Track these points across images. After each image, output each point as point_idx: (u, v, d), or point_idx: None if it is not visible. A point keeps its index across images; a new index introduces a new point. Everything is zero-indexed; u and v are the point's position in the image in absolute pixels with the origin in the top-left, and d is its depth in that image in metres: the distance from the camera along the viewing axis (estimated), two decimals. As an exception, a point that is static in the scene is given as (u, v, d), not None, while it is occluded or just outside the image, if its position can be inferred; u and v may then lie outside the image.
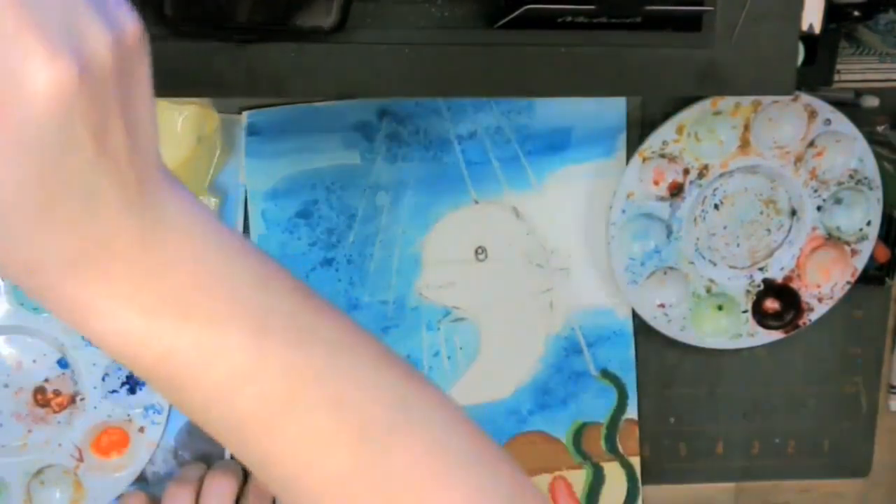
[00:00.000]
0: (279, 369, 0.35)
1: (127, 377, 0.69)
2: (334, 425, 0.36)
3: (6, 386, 0.68)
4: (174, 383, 0.34)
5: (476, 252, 0.72)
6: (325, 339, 0.37)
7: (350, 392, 0.36)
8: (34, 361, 0.68)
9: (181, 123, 0.64)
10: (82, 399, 0.69)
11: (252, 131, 0.67)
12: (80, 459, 0.69)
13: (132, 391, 0.69)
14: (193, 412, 0.36)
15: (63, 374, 0.68)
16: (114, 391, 0.69)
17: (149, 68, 0.33)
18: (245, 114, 0.67)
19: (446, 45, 0.54)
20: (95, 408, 0.69)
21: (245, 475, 0.70)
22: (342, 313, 0.39)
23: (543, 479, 0.75)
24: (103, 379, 0.69)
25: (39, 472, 0.69)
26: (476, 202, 0.71)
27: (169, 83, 0.52)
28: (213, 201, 0.67)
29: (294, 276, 0.38)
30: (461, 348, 0.73)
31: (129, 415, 0.70)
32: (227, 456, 0.71)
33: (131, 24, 0.31)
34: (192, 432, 0.71)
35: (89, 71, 0.27)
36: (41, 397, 0.69)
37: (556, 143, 0.71)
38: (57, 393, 0.69)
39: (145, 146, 0.32)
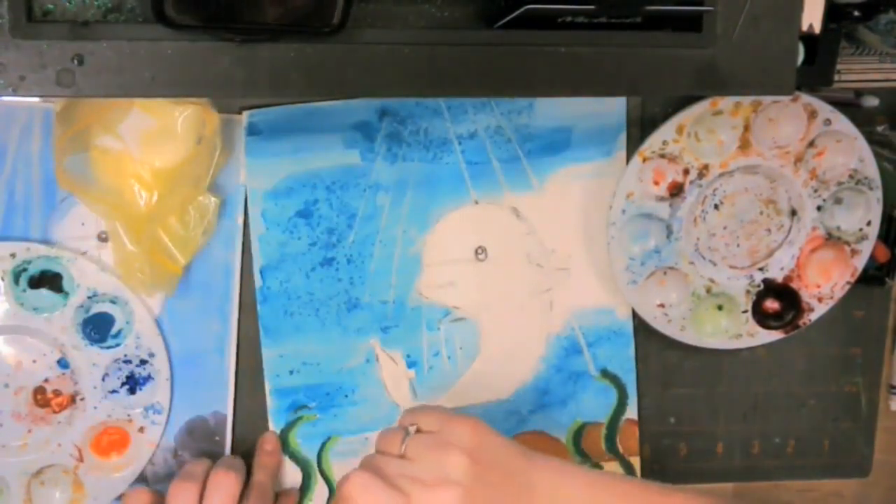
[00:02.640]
0: None
1: (127, 377, 0.69)
2: None
3: (6, 386, 0.68)
4: None
5: (476, 252, 0.72)
6: None
7: None
8: (34, 361, 0.68)
9: (181, 123, 0.64)
10: (82, 399, 0.69)
11: (252, 131, 0.68)
12: (80, 459, 0.69)
13: (132, 391, 0.69)
14: None
15: (63, 374, 0.68)
16: (114, 391, 0.69)
17: None
18: (245, 114, 0.67)
19: (446, 45, 0.54)
20: (95, 408, 0.69)
21: (248, 473, 0.70)
22: None
23: (543, 479, 0.76)
24: (103, 379, 0.69)
25: (39, 472, 0.69)
26: (476, 202, 0.71)
27: (169, 83, 0.52)
28: (213, 201, 0.67)
29: None
30: (461, 348, 0.73)
31: (129, 415, 0.70)
32: (228, 452, 0.71)
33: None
34: (192, 432, 0.71)
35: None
36: (41, 397, 0.69)
37: (556, 144, 0.71)
38: (57, 393, 0.69)
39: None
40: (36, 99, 0.64)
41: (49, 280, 0.67)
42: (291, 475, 0.73)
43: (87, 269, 0.67)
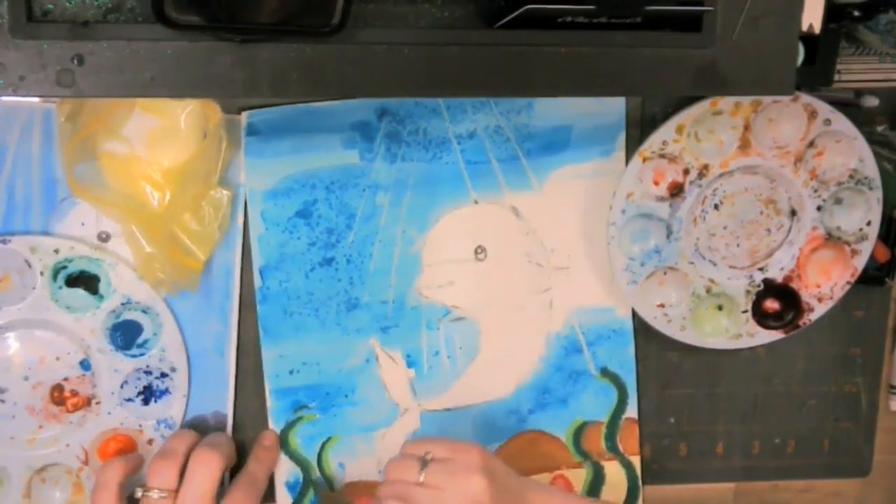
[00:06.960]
0: None
1: (144, 387, 0.69)
2: None
3: (26, 379, 0.68)
4: None
5: (476, 251, 0.72)
6: None
7: None
8: (57, 359, 0.68)
9: (184, 120, 0.64)
10: (98, 403, 0.69)
11: (251, 131, 0.68)
12: (85, 462, 0.69)
13: (146, 402, 0.69)
14: None
15: (83, 375, 0.68)
16: (129, 399, 0.69)
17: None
18: (244, 114, 0.67)
19: (446, 45, 0.54)
20: (109, 413, 0.69)
21: (240, 453, 0.70)
22: None
23: (544, 479, 0.76)
24: (122, 386, 0.69)
25: (43, 469, 0.69)
26: (476, 202, 0.71)
27: (169, 83, 0.52)
28: (225, 194, 0.67)
29: None
30: (461, 348, 0.73)
31: (140, 425, 0.69)
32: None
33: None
34: (193, 431, 0.71)
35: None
36: (58, 395, 0.69)
37: (555, 143, 0.71)
38: (74, 393, 0.69)
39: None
40: (36, 99, 0.64)
41: (86, 281, 0.67)
42: (288, 474, 0.73)
43: (125, 275, 0.67)
